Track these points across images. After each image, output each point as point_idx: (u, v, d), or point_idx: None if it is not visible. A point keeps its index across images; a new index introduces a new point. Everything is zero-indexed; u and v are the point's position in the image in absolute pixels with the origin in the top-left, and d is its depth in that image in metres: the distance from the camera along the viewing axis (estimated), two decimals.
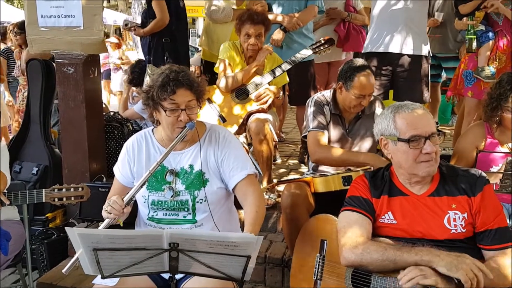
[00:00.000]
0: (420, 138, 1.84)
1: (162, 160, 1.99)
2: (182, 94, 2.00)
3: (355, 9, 4.78)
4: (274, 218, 3.27)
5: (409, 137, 1.86)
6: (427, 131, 1.85)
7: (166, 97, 1.98)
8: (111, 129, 4.10)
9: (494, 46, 3.71)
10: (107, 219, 1.93)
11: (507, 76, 2.64)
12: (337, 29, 4.64)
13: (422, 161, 1.85)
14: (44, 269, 3.35)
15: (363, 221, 1.90)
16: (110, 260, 1.60)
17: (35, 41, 3.66)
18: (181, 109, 2.00)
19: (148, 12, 4.06)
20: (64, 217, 3.76)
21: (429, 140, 1.84)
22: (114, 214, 1.92)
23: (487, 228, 1.82)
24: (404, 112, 1.91)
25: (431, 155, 1.84)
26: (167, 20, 4.02)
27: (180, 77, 2.00)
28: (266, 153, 3.29)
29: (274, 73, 3.41)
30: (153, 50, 4.12)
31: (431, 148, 1.83)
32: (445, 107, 5.93)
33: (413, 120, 1.88)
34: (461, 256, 1.67)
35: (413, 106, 1.93)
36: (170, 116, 2.01)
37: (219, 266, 1.61)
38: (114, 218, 1.93)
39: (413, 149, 1.85)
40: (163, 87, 1.98)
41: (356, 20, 4.70)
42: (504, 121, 2.57)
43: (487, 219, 1.82)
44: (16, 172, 3.78)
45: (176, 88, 1.98)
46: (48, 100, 3.98)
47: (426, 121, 1.88)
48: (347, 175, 2.51)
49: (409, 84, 3.65)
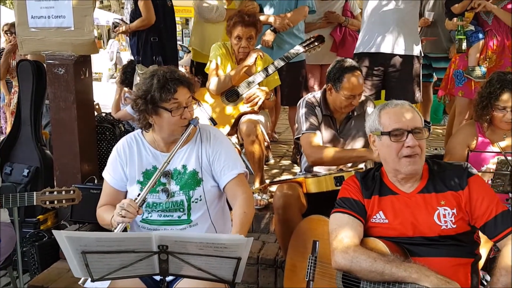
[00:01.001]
0: (402, 132, 1.85)
1: (170, 159, 2.01)
2: (182, 92, 2.02)
3: (352, 13, 4.79)
4: (267, 219, 3.27)
5: (391, 130, 1.87)
6: (409, 125, 1.86)
7: (170, 97, 1.98)
8: (102, 130, 4.08)
9: (484, 46, 3.72)
10: (122, 223, 1.91)
11: (497, 75, 2.65)
12: (333, 34, 4.65)
13: (405, 156, 1.85)
14: (35, 272, 3.32)
15: (354, 223, 1.89)
16: (99, 263, 1.59)
17: (25, 42, 3.62)
18: (183, 107, 2.02)
19: (135, 12, 4.06)
20: (56, 219, 3.72)
21: (412, 134, 1.84)
22: (129, 217, 1.90)
23: (486, 220, 1.80)
24: (388, 108, 1.94)
25: (413, 149, 1.84)
26: (153, 19, 4.04)
27: (176, 75, 2.02)
28: (257, 154, 3.28)
29: (267, 71, 3.40)
30: (142, 50, 4.12)
31: (413, 142, 1.83)
32: (437, 107, 5.95)
33: (396, 114, 1.90)
34: (450, 283, 1.64)
35: (399, 103, 1.94)
36: (175, 116, 2.01)
37: (210, 268, 1.60)
38: (128, 222, 1.92)
39: (395, 142, 1.86)
40: (164, 88, 1.98)
41: (352, 26, 4.72)
42: (495, 120, 2.59)
43: (483, 211, 1.81)
44: (7, 174, 3.74)
45: (177, 86, 2.00)
46: (39, 101, 3.94)
47: (409, 116, 1.88)
48: (339, 175, 2.52)
49: (401, 84, 3.66)
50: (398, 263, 1.70)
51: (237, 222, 1.98)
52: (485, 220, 1.81)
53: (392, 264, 1.70)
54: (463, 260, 1.83)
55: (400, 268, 1.68)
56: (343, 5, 4.74)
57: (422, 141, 1.87)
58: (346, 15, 4.73)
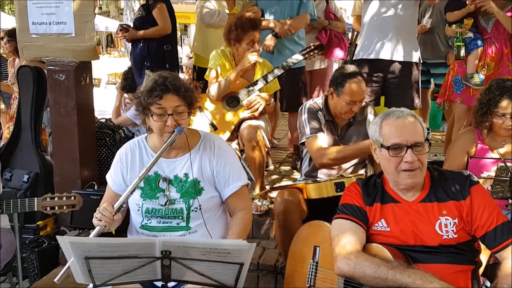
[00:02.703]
0: (401, 147, 1.83)
1: (151, 166, 1.99)
2: (169, 99, 2.02)
3: (335, 15, 4.82)
4: (267, 225, 3.27)
5: (390, 145, 1.85)
6: (409, 140, 1.83)
7: (152, 101, 2.00)
8: (102, 136, 4.08)
9: (483, 53, 3.74)
10: (98, 226, 1.92)
11: (496, 82, 2.67)
12: (318, 37, 4.67)
13: (403, 170, 1.84)
14: (35, 278, 3.31)
15: (356, 229, 1.89)
16: (102, 269, 1.59)
17: (26, 48, 3.64)
18: (168, 114, 2.01)
19: (146, 18, 4.09)
20: (55, 225, 3.72)
21: (411, 150, 1.82)
22: (105, 221, 1.91)
23: (487, 230, 1.80)
24: (391, 119, 1.89)
25: (412, 165, 1.82)
26: (170, 29, 4.18)
27: (167, 82, 2.02)
28: (258, 159, 3.29)
29: (267, 79, 3.41)
30: (154, 57, 4.18)
31: (411, 158, 1.81)
32: (436, 113, 5.98)
33: (397, 128, 1.86)
34: None
35: (402, 114, 1.90)
36: (158, 121, 2.02)
37: (212, 274, 1.60)
38: (104, 226, 1.92)
39: (394, 157, 1.84)
40: (151, 92, 2.01)
41: (336, 28, 4.76)
42: (494, 127, 2.61)
43: (484, 221, 1.81)
44: (7, 180, 3.74)
45: (163, 93, 2.00)
46: (39, 107, 3.95)
47: (410, 130, 1.85)
48: (339, 181, 2.52)
49: (400, 90, 3.68)
50: (402, 269, 1.70)
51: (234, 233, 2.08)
52: (485, 231, 1.81)
53: (395, 270, 1.70)
54: (463, 267, 1.84)
55: (404, 274, 1.68)
56: (325, 8, 4.77)
57: (423, 156, 1.84)
58: (329, 18, 4.76)
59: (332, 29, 4.73)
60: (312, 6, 4.15)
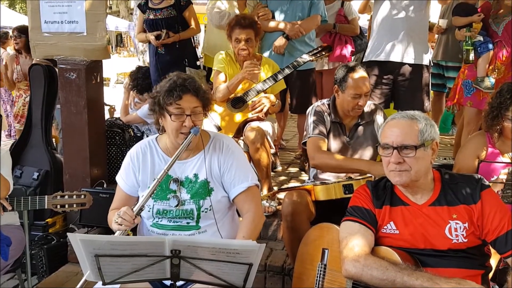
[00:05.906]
0: (389, 147, 1.87)
1: (169, 168, 1.99)
2: (188, 100, 2.03)
3: (347, 18, 4.77)
4: (275, 226, 3.27)
5: (381, 144, 1.91)
6: (396, 142, 1.85)
7: (172, 102, 2.01)
8: (112, 134, 4.11)
9: (493, 57, 3.72)
10: (118, 231, 1.91)
11: (507, 86, 2.65)
12: (322, 39, 4.64)
13: (392, 170, 1.88)
14: (43, 275, 3.33)
15: (365, 232, 1.89)
16: (111, 267, 1.60)
17: (38, 46, 3.68)
18: (186, 114, 2.02)
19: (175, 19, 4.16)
20: (64, 222, 3.75)
21: (397, 151, 1.85)
22: (125, 225, 1.90)
23: (498, 235, 1.80)
24: (391, 120, 1.95)
25: (397, 166, 1.85)
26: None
27: (187, 83, 2.03)
28: (263, 161, 3.29)
29: (276, 78, 3.41)
30: (191, 56, 4.36)
31: (395, 159, 1.85)
32: (446, 116, 5.94)
33: (389, 128, 1.91)
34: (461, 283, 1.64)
35: (403, 115, 1.92)
36: (175, 121, 2.03)
37: (221, 274, 1.61)
38: (125, 230, 1.92)
39: (384, 156, 1.90)
40: (170, 92, 2.02)
41: (343, 30, 4.71)
42: (505, 130, 2.58)
43: (495, 226, 1.80)
44: (17, 177, 3.77)
45: (182, 93, 2.01)
46: (50, 105, 3.99)
47: (400, 132, 1.87)
48: (348, 183, 2.51)
49: (410, 93, 3.66)
50: (410, 272, 1.70)
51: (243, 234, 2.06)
52: (496, 235, 1.80)
53: (404, 272, 1.70)
54: (473, 272, 1.83)
55: (412, 277, 1.68)
56: (337, 10, 4.73)
57: (411, 159, 1.84)
58: (339, 20, 4.72)
59: (338, 31, 4.69)
60: (323, 7, 4.14)
